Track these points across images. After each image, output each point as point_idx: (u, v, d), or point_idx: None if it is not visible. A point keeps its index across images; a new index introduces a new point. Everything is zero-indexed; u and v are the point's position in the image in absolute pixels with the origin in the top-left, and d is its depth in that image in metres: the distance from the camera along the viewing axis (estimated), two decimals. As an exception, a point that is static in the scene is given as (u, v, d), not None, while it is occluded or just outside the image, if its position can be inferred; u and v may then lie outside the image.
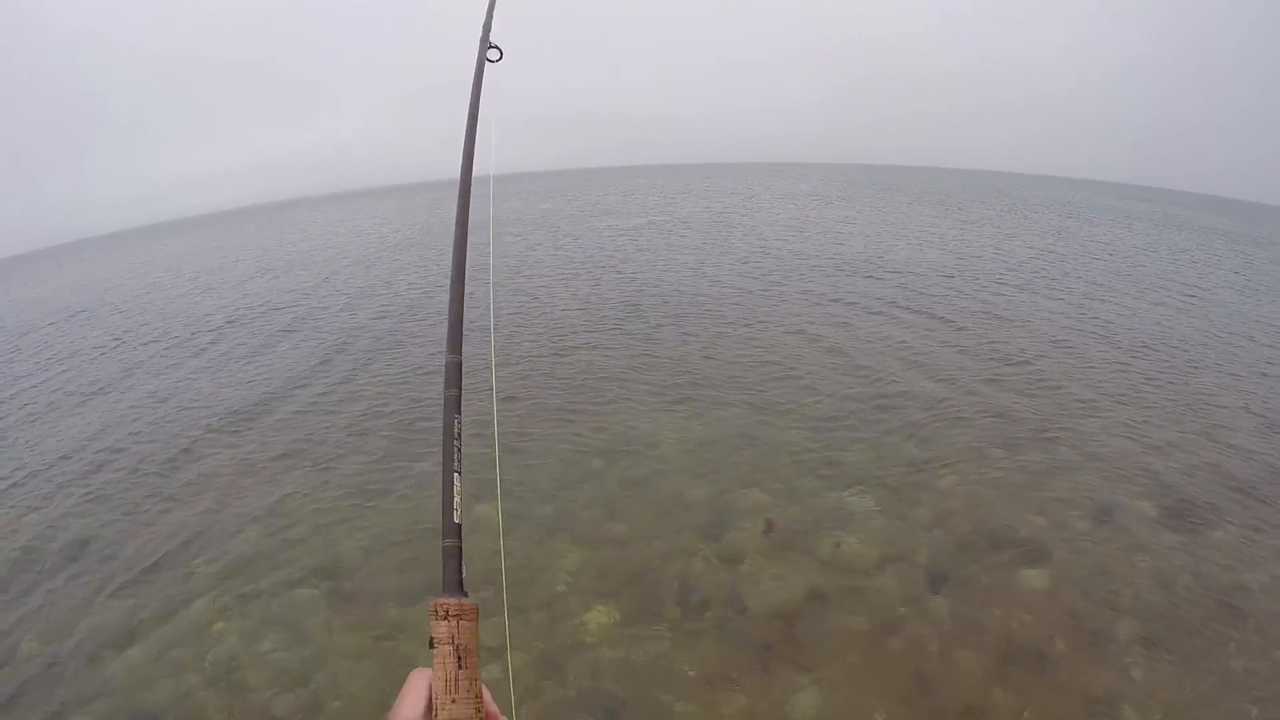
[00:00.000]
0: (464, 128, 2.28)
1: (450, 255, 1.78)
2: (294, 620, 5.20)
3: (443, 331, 1.61)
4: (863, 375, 9.54)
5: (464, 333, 1.60)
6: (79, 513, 7.12)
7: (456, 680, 1.09)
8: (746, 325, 12.17)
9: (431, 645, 1.14)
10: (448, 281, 1.71)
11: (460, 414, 1.45)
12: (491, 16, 2.89)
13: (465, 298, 1.70)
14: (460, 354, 1.58)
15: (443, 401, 1.48)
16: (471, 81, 2.44)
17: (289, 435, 8.50)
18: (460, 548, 1.28)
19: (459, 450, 1.39)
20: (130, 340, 15.03)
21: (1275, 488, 6.59)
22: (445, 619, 1.14)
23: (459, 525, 1.30)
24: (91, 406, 10.49)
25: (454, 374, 1.55)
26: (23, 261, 63.90)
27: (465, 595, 1.21)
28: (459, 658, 1.11)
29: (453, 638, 1.13)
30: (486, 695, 1.12)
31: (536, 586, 5.33)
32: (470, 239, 1.97)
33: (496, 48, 2.55)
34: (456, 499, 1.33)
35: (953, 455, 7.14)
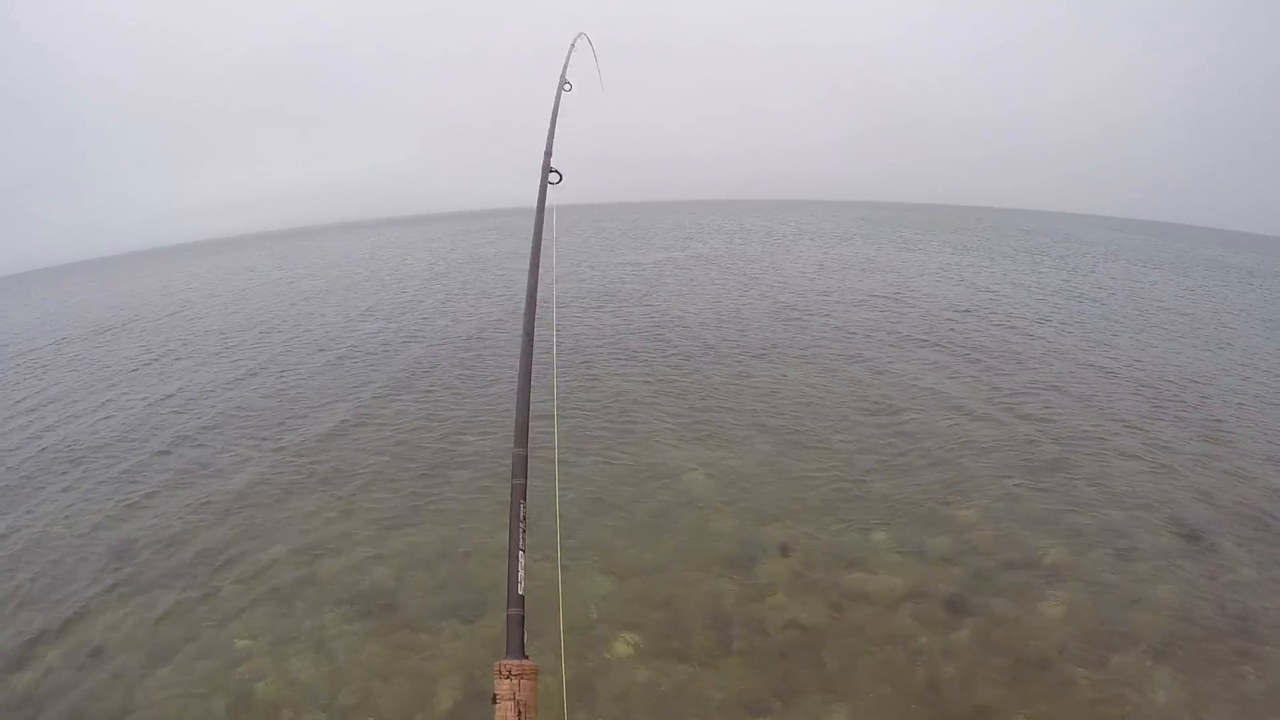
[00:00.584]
0: (529, 248, 2.63)
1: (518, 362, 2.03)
2: (322, 639, 5.35)
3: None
4: (884, 406, 9.67)
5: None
6: (120, 518, 7.50)
7: None
8: (770, 358, 12.38)
9: (495, 701, 1.29)
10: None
11: (525, 500, 1.64)
12: (552, 141, 3.26)
13: (531, 396, 1.93)
14: (526, 448, 1.76)
15: (510, 489, 1.67)
16: (536, 202, 2.77)
17: (328, 456, 8.78)
18: (523, 616, 1.45)
19: (524, 532, 1.58)
20: (175, 355, 15.64)
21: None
22: (508, 678, 1.30)
23: (522, 597, 1.48)
24: (145, 415, 10.85)
25: (520, 466, 1.73)
26: (64, 272, 65.60)
27: (526, 657, 1.38)
28: (519, 712, 1.27)
29: (514, 694, 1.29)
30: None
31: (565, 613, 5.46)
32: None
33: (557, 171, 2.89)
34: (520, 574, 1.51)
35: (972, 486, 7.25)
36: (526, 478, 1.69)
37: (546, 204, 2.82)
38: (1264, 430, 9.00)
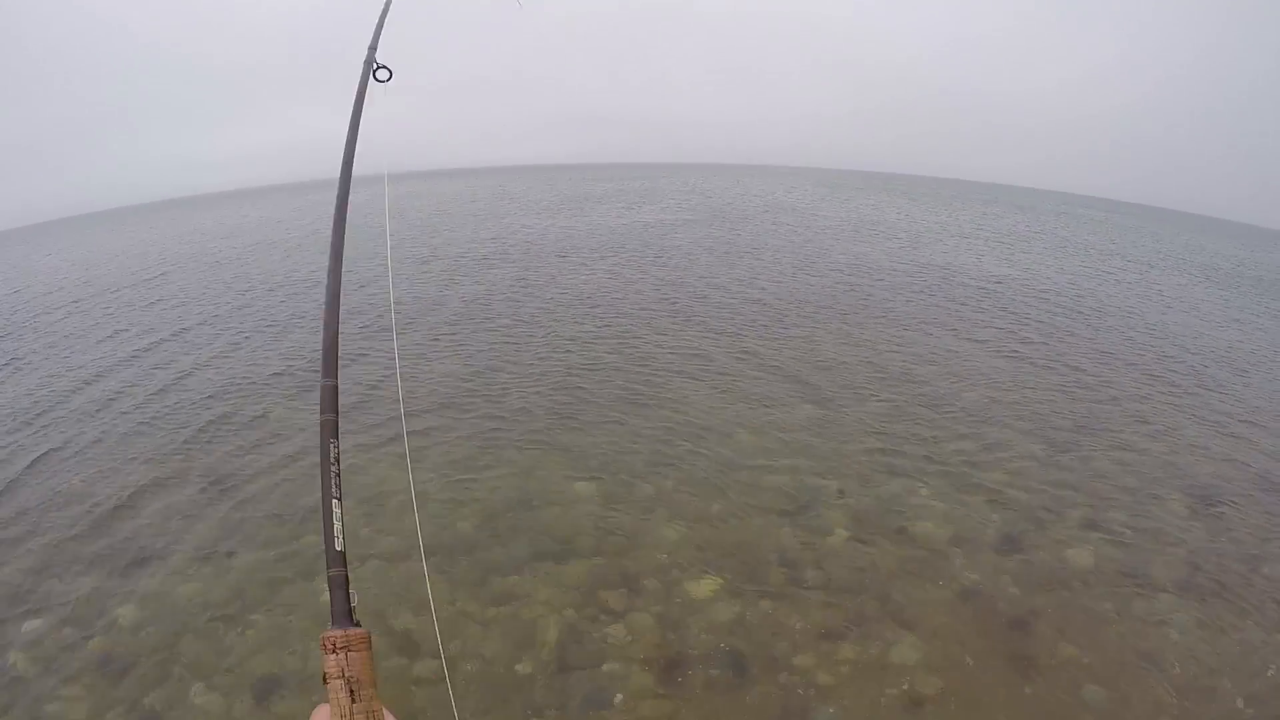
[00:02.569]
0: (344, 147, 2.18)
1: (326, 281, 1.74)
2: (414, 594, 5.55)
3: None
4: (915, 376, 10.39)
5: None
6: (207, 457, 7.77)
7: (351, 715, 1.08)
8: (800, 326, 13.02)
9: (325, 681, 1.12)
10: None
11: (337, 439, 1.41)
12: (381, 30, 2.64)
13: (340, 321, 1.66)
14: (336, 378, 1.52)
15: (320, 427, 1.42)
16: (354, 102, 2.26)
17: (422, 414, 9.11)
18: (346, 576, 1.26)
19: (338, 477, 1.37)
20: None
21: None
22: (334, 652, 1.13)
23: (342, 553, 1.28)
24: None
25: (329, 399, 1.48)
26: (105, 218, 62.89)
27: (356, 624, 1.20)
28: (351, 691, 1.10)
29: (343, 671, 1.11)
30: None
31: (644, 557, 5.99)
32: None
33: (386, 68, 2.37)
34: (337, 525, 1.30)
35: (1001, 451, 7.94)
36: (337, 412, 1.46)
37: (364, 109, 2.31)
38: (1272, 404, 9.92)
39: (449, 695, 4.56)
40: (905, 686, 4.67)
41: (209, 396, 10.08)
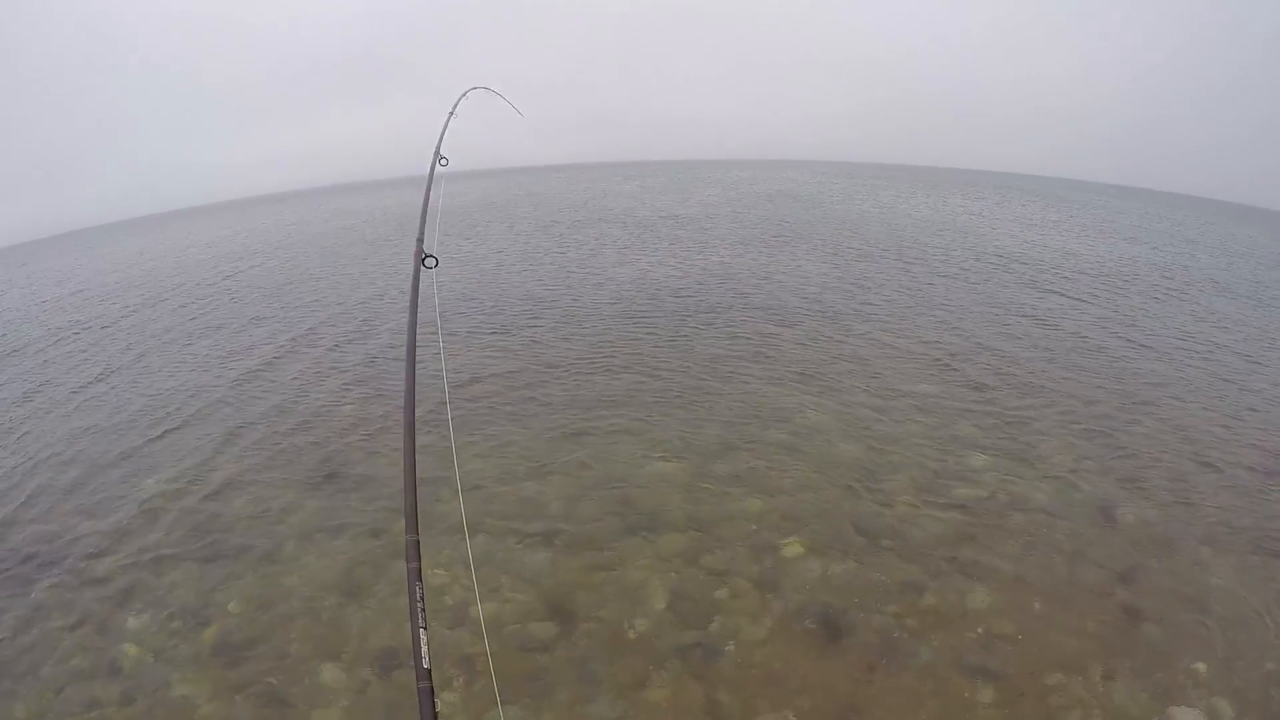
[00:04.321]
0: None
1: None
2: (522, 566, 6.16)
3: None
4: (968, 355, 11.07)
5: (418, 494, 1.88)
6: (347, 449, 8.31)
7: None
8: (832, 317, 13.66)
9: None
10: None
11: (421, 583, 1.71)
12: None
13: (416, 474, 1.96)
14: (417, 533, 1.80)
15: (406, 573, 1.72)
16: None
17: (489, 399, 9.63)
18: (432, 688, 1.52)
19: (424, 612, 1.65)
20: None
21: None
22: None
23: (429, 670, 1.57)
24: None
25: (414, 549, 1.77)
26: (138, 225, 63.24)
27: None
28: None
29: None
30: None
31: (733, 527, 6.62)
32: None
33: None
34: (424, 648, 1.59)
35: (1051, 421, 8.62)
36: (420, 560, 1.74)
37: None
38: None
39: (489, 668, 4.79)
40: (981, 630, 5.33)
41: (298, 391, 10.70)
